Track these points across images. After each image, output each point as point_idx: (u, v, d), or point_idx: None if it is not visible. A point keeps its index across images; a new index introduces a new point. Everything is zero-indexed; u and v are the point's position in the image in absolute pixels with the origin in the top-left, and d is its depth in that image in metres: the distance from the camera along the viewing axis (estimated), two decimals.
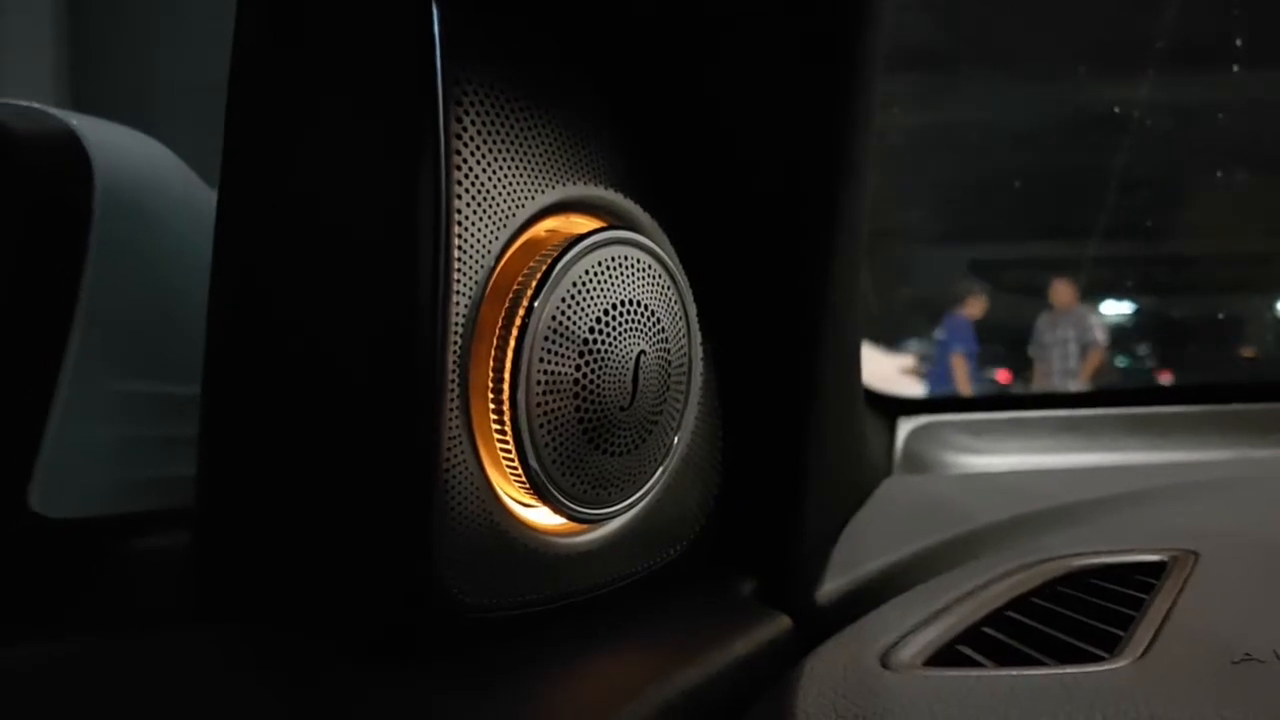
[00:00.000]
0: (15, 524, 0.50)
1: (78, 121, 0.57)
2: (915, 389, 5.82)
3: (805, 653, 0.47)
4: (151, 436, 0.56)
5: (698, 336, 0.49)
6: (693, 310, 0.48)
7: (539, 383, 0.40)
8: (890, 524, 0.63)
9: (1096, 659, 0.43)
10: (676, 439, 0.48)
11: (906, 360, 6.17)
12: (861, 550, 0.58)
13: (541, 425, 0.41)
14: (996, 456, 0.86)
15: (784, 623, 0.50)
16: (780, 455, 0.54)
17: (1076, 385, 5.45)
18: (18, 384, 0.51)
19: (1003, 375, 6.03)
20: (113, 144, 0.58)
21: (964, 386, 5.50)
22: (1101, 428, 0.88)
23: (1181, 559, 0.52)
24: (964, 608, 0.49)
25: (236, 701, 0.37)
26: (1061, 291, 5.67)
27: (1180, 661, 0.41)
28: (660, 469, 0.47)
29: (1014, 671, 0.43)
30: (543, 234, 0.43)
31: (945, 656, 0.45)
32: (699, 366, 0.49)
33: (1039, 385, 5.57)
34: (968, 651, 0.46)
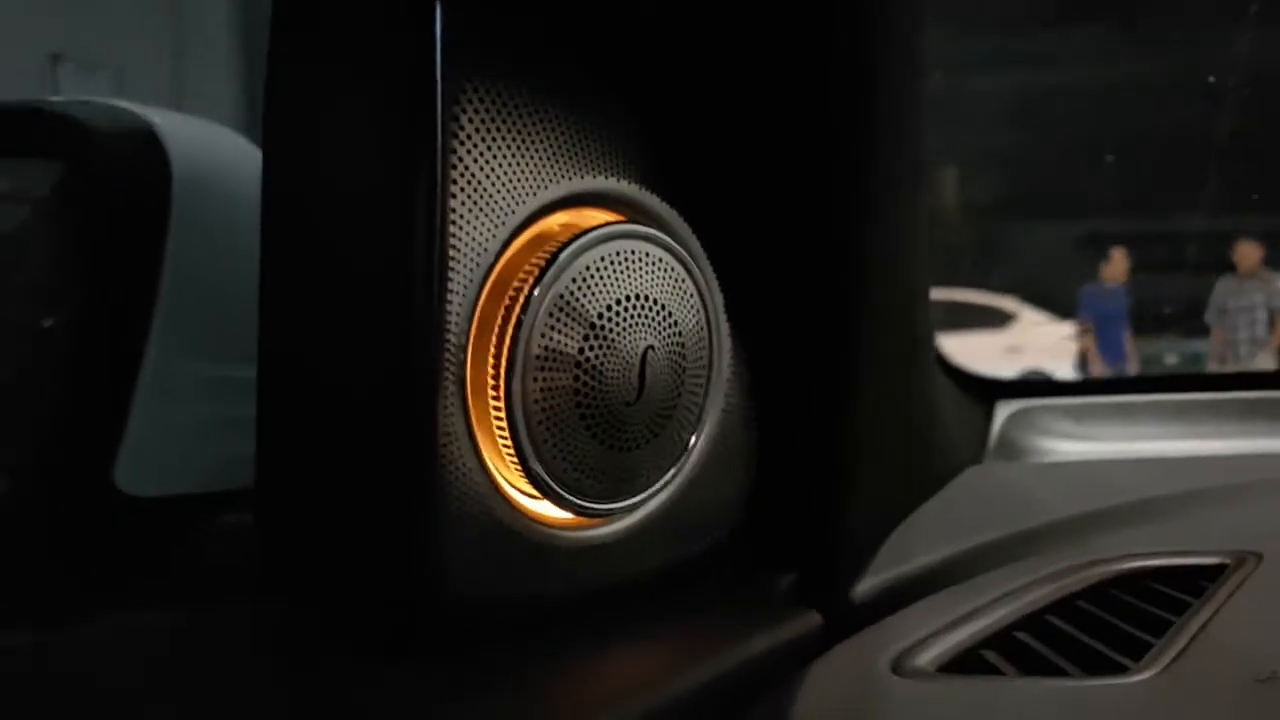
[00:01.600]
0: (102, 501, 0.53)
1: (160, 119, 0.60)
2: (1081, 357, 5.61)
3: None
4: (230, 417, 0.59)
5: (723, 332, 0.48)
6: (716, 306, 0.48)
7: (536, 377, 0.41)
8: (954, 516, 0.62)
9: (1122, 670, 0.41)
10: (694, 438, 0.47)
11: (1072, 328, 5.97)
12: (913, 544, 0.57)
13: (539, 421, 0.41)
14: (1099, 444, 0.82)
15: (814, 620, 0.49)
16: (818, 448, 0.53)
17: (1266, 354, 5.17)
18: (104, 370, 0.54)
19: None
20: (192, 138, 0.61)
21: (1092, 359, 5.29)
22: (1214, 414, 0.83)
23: (1242, 563, 0.49)
24: (1001, 610, 0.47)
25: (245, 683, 0.39)
26: (1247, 254, 5.38)
27: (1201, 677, 0.39)
28: (675, 466, 0.47)
29: (1029, 682, 0.41)
30: (555, 228, 0.43)
31: (965, 662, 0.44)
32: (724, 361, 0.48)
33: (1218, 353, 5.30)
34: (992, 657, 0.44)
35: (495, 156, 0.40)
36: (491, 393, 0.41)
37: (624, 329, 0.43)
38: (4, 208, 0.98)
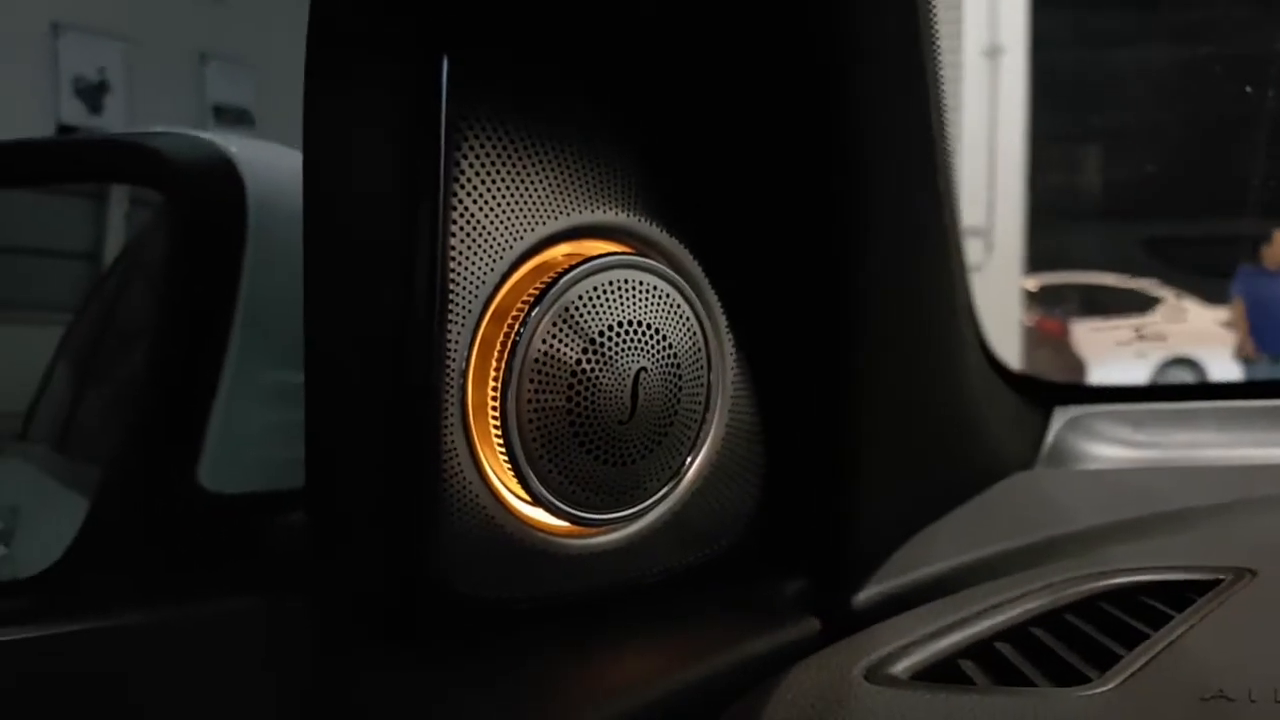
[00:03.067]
0: (187, 498, 0.59)
1: (236, 148, 0.66)
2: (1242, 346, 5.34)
3: None
4: (302, 421, 0.64)
5: (724, 353, 0.51)
6: (717, 330, 0.51)
7: (529, 399, 0.45)
8: (976, 524, 0.63)
9: (1084, 683, 0.43)
10: (691, 455, 0.50)
11: (1225, 313, 5.68)
12: (926, 552, 0.58)
13: (534, 436, 0.45)
14: (1157, 451, 0.81)
15: (811, 626, 0.52)
16: (825, 457, 0.55)
17: None
18: (188, 378, 0.60)
19: None
20: (267, 164, 0.67)
21: (1244, 340, 5.04)
22: (1276, 420, 0.82)
23: (1238, 579, 0.50)
24: (988, 620, 0.49)
25: (250, 681, 0.44)
26: None
27: (1152, 693, 0.41)
28: (673, 480, 0.50)
29: (993, 692, 0.43)
30: (559, 258, 0.47)
31: (940, 672, 0.46)
32: (726, 381, 0.51)
33: None
34: (968, 667, 0.46)
35: (495, 196, 0.44)
36: (492, 410, 0.45)
37: (616, 352, 0.46)
38: (134, 209, 1.06)
